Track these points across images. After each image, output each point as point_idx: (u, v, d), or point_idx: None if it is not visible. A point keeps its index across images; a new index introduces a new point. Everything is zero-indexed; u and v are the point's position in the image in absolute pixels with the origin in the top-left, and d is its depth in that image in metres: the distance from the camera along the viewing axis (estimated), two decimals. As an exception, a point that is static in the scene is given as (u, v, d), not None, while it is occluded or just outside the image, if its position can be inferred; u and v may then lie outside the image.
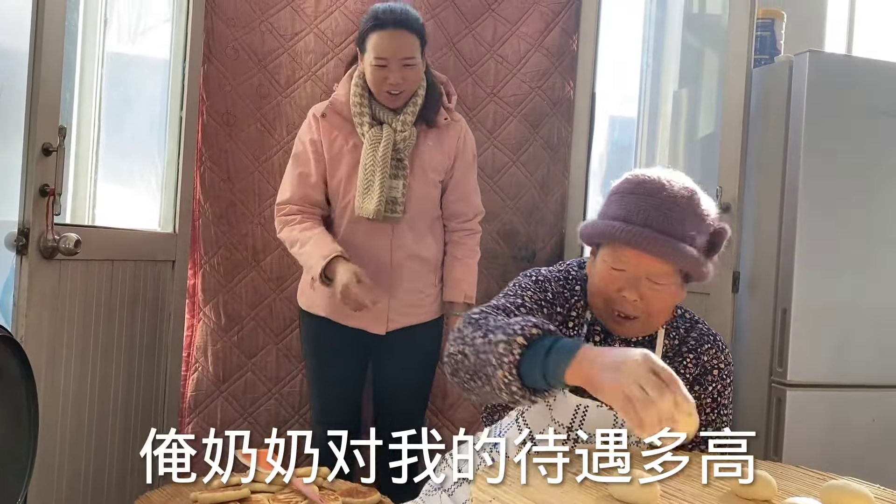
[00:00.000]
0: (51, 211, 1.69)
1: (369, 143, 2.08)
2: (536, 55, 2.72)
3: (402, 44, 2.05)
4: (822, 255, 2.15)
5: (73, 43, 2.06)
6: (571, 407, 1.43)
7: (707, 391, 1.45)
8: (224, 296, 2.47)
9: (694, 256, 1.29)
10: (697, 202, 1.32)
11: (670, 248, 1.28)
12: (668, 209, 1.29)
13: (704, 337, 1.48)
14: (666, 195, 1.31)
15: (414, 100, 2.13)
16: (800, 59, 2.17)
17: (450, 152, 2.21)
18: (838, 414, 2.15)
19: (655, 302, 1.34)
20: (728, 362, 1.48)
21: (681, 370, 1.45)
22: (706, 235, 1.32)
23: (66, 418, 1.86)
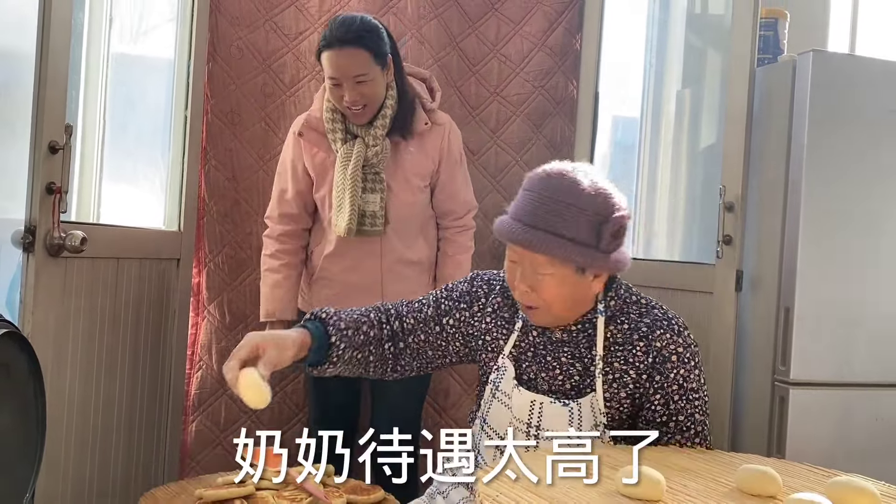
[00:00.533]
0: (57, 209, 1.70)
1: (340, 160, 2.08)
2: (539, 54, 2.73)
3: (351, 62, 2.00)
4: (826, 253, 2.15)
5: (78, 42, 2.07)
6: (527, 403, 1.48)
7: (669, 378, 1.44)
8: (228, 294, 2.47)
9: (566, 246, 1.36)
10: (578, 198, 1.38)
11: (537, 240, 1.37)
12: (543, 203, 1.38)
13: (658, 322, 1.47)
14: (543, 190, 1.40)
15: (383, 112, 2.09)
16: (803, 58, 2.17)
17: (434, 156, 2.19)
18: (841, 413, 2.15)
19: (545, 291, 1.42)
20: (688, 345, 1.46)
21: (630, 359, 1.45)
22: (591, 226, 1.38)
23: (71, 414, 1.87)
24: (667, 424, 1.45)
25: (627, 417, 1.47)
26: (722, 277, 2.25)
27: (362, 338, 1.54)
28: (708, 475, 1.24)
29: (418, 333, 1.59)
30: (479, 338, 1.59)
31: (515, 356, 1.54)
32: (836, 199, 2.16)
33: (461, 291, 1.61)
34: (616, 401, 1.45)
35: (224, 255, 2.48)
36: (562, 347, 1.50)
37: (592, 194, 1.38)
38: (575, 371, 1.48)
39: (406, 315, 1.60)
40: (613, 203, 1.40)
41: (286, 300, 2.19)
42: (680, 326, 1.48)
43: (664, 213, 2.85)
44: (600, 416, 1.44)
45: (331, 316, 1.53)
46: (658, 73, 2.92)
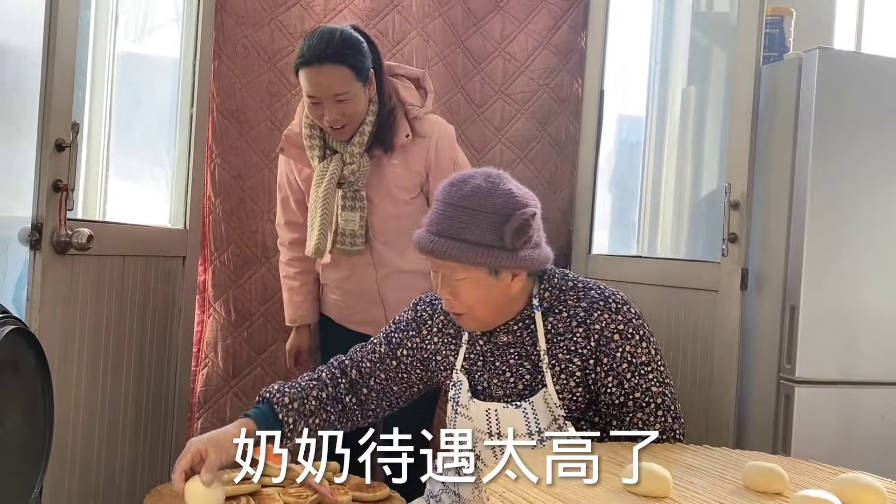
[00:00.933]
0: (64, 206, 1.71)
1: (315, 179, 2.01)
2: (544, 53, 2.73)
3: (330, 81, 1.90)
4: (832, 252, 2.15)
5: (84, 40, 2.08)
6: (483, 413, 1.51)
7: (617, 358, 1.46)
8: (234, 292, 2.48)
9: (469, 250, 1.40)
10: (480, 202, 1.42)
11: (441, 247, 1.42)
12: (445, 210, 1.44)
13: (594, 304, 1.48)
14: (445, 199, 1.46)
15: (361, 129, 2.00)
16: (809, 56, 2.16)
17: (418, 169, 2.08)
18: (847, 411, 2.14)
19: (463, 296, 1.46)
20: (628, 320, 1.47)
21: (573, 347, 1.47)
22: (493, 227, 1.41)
23: (78, 411, 1.88)
24: (625, 405, 1.46)
25: (586, 406, 1.49)
26: (727, 275, 2.24)
27: (314, 403, 1.56)
28: (714, 472, 1.24)
29: (378, 374, 1.62)
30: (432, 359, 1.62)
31: (467, 368, 1.57)
32: (842, 197, 2.15)
33: (407, 320, 1.65)
34: (568, 391, 1.47)
35: (230, 253, 2.49)
36: (508, 350, 1.52)
37: (491, 196, 1.42)
38: (524, 370, 1.50)
39: (361, 360, 1.63)
40: (515, 202, 1.43)
41: (305, 305, 2.22)
42: (618, 303, 1.49)
43: (669, 211, 2.84)
44: (557, 409, 1.46)
45: (274, 394, 1.53)
46: (663, 70, 2.92)
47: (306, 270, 2.22)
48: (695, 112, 2.82)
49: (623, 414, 1.47)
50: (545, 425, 1.47)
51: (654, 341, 1.50)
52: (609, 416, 1.49)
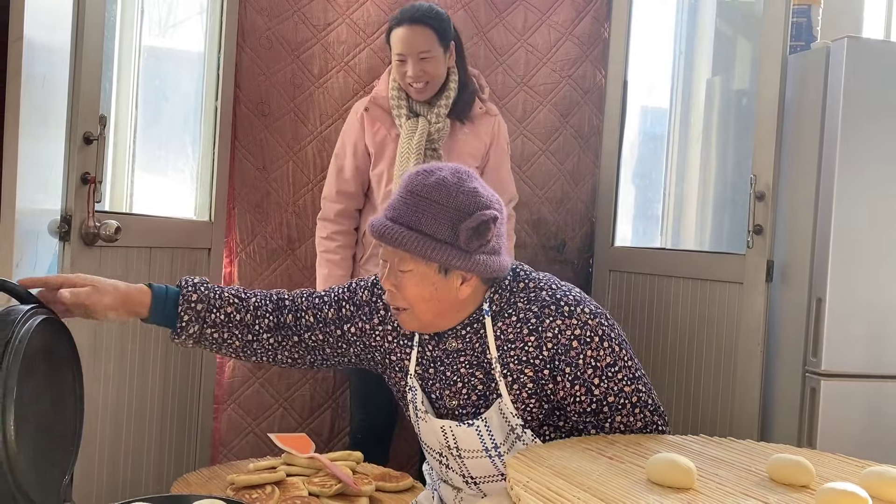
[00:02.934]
0: (92, 198, 1.73)
1: (405, 133, 2.22)
2: (567, 44, 2.71)
3: (416, 39, 2.17)
4: (858, 244, 2.12)
5: (111, 35, 2.10)
6: (438, 430, 1.44)
7: (580, 366, 1.36)
8: (260, 284, 2.50)
9: (421, 241, 1.33)
10: (442, 194, 1.34)
11: (393, 233, 1.34)
12: (405, 198, 1.36)
13: (545, 310, 1.38)
14: (408, 186, 1.38)
15: (446, 93, 2.24)
16: (837, 45, 2.13)
17: (485, 139, 2.31)
18: (873, 404, 2.12)
19: (406, 289, 1.37)
20: (584, 324, 1.36)
21: (524, 357, 1.38)
22: (450, 223, 1.34)
23: (107, 401, 1.91)
24: (601, 411, 1.38)
25: (547, 413, 1.41)
26: (752, 267, 2.23)
27: (221, 317, 1.45)
28: (739, 464, 1.23)
29: (316, 332, 1.51)
30: (385, 357, 1.52)
31: (420, 374, 1.48)
32: (869, 189, 2.13)
33: (362, 300, 1.53)
34: (521, 401, 1.39)
35: (255, 245, 2.51)
36: (458, 358, 1.43)
37: (455, 192, 1.35)
38: (477, 380, 1.42)
39: (305, 311, 1.51)
40: (478, 202, 1.35)
41: (345, 280, 2.21)
42: (570, 306, 1.38)
43: (693, 203, 2.82)
44: (513, 418, 1.38)
45: (188, 285, 1.45)
46: (687, 61, 2.89)
47: (348, 245, 2.31)
48: (720, 102, 2.79)
49: (601, 420, 1.38)
50: (501, 439, 1.39)
51: (614, 336, 1.39)
52: (584, 424, 1.40)
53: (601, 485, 1.09)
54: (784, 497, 1.09)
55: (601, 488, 1.08)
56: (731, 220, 2.58)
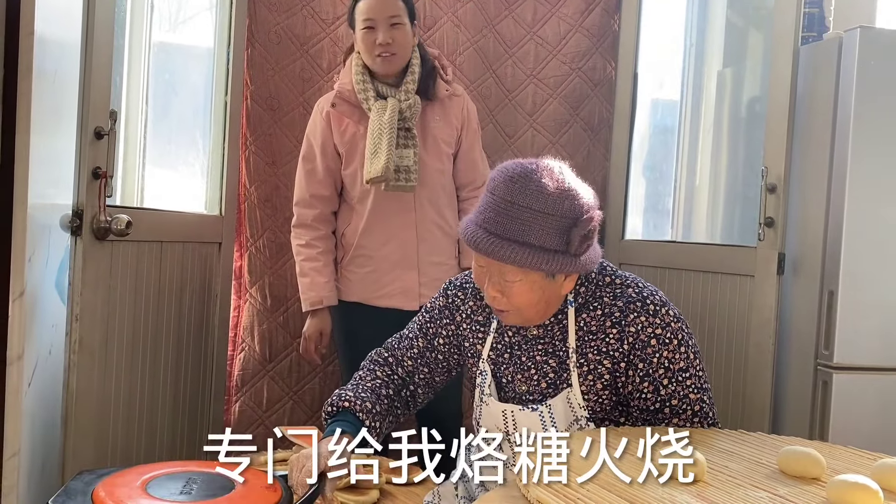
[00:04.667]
0: (103, 193, 1.74)
1: (375, 112, 2.13)
2: (577, 36, 2.70)
3: (386, 4, 2.12)
4: (871, 236, 2.11)
5: (121, 30, 2.11)
6: (499, 413, 1.46)
7: (654, 364, 1.38)
8: (269, 277, 2.51)
9: (534, 255, 1.31)
10: (545, 203, 1.31)
11: (504, 251, 1.31)
12: (507, 210, 1.32)
13: (631, 305, 1.40)
14: (507, 195, 1.32)
15: (411, 69, 2.18)
16: (850, 35, 2.11)
17: (456, 124, 2.27)
18: (885, 397, 2.11)
19: (514, 297, 1.37)
20: (666, 324, 1.38)
21: (604, 348, 1.41)
22: (560, 232, 1.32)
23: (119, 392, 1.92)
24: (661, 411, 1.40)
25: (612, 408, 1.43)
26: (764, 260, 2.22)
27: (386, 403, 1.53)
28: (750, 457, 1.23)
29: (421, 369, 1.60)
30: (462, 344, 1.59)
31: (493, 359, 1.52)
32: (881, 181, 2.11)
33: (440, 307, 1.60)
34: (593, 393, 1.41)
35: (265, 240, 2.52)
36: (536, 345, 1.47)
37: (559, 198, 1.32)
38: (549, 368, 1.45)
39: (402, 359, 1.61)
40: (581, 204, 1.34)
41: (329, 286, 2.23)
42: (656, 305, 1.40)
43: (704, 195, 2.81)
44: (580, 409, 1.41)
45: (354, 402, 1.49)
46: (698, 52, 2.87)
47: (328, 250, 2.25)
48: (731, 94, 2.77)
49: (658, 420, 1.40)
50: (563, 427, 1.41)
51: (692, 345, 1.41)
52: (641, 421, 1.42)
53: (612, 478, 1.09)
54: (795, 489, 1.08)
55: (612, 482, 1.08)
56: (742, 213, 2.57)
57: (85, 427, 1.78)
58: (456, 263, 2.32)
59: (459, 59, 2.60)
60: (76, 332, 1.72)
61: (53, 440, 1.71)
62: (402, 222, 2.20)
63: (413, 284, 2.22)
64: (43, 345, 1.58)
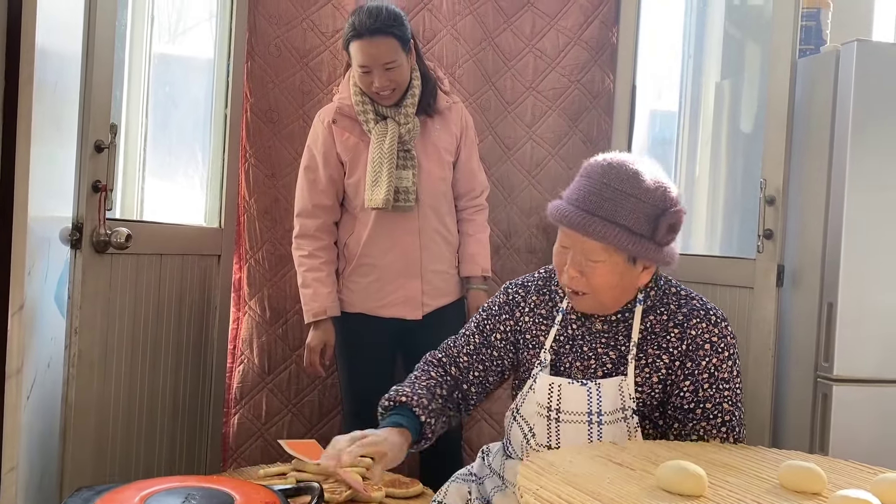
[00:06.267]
0: (103, 206, 1.75)
1: (376, 137, 2.16)
2: (575, 48, 2.71)
3: (380, 51, 2.10)
4: (869, 248, 2.11)
5: (122, 42, 2.11)
6: (546, 386, 1.50)
7: (701, 366, 1.45)
8: (269, 290, 2.51)
9: (622, 235, 1.39)
10: (638, 188, 1.40)
11: (594, 226, 1.39)
12: (601, 190, 1.40)
13: (695, 312, 1.48)
14: (603, 178, 1.42)
15: (411, 91, 2.19)
16: (847, 48, 2.12)
17: (455, 131, 2.30)
18: (886, 409, 2.10)
19: (594, 277, 1.43)
20: (723, 335, 1.46)
21: (665, 345, 1.48)
22: (649, 218, 1.40)
23: (118, 405, 1.92)
24: (693, 411, 1.45)
25: (658, 405, 1.49)
26: (763, 272, 2.22)
27: (440, 402, 1.55)
28: (750, 471, 1.22)
29: (476, 366, 1.61)
30: (521, 338, 1.61)
31: (556, 349, 1.55)
32: (880, 192, 2.11)
33: (500, 304, 1.63)
34: (648, 385, 1.47)
35: (264, 252, 2.52)
36: (599, 338, 1.52)
37: (653, 186, 1.41)
38: (608, 359, 1.50)
39: (458, 356, 1.62)
40: (672, 197, 1.43)
41: (332, 296, 2.23)
42: (717, 318, 1.48)
43: (703, 207, 2.81)
44: (629, 400, 1.45)
45: (411, 397, 1.51)
46: (696, 64, 2.88)
47: (331, 261, 2.26)
48: (729, 106, 2.78)
49: (688, 419, 1.45)
50: (608, 408, 1.44)
51: (739, 364, 1.48)
52: (674, 420, 1.47)
53: (611, 492, 1.09)
54: (796, 504, 1.08)
55: (611, 496, 1.07)
56: (740, 225, 2.57)
57: (84, 441, 1.78)
58: (456, 272, 2.33)
59: (459, 71, 2.61)
60: (75, 346, 1.72)
61: (52, 454, 1.71)
62: (405, 230, 2.22)
63: (416, 293, 2.23)
64: (42, 358, 1.58)
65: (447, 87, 2.35)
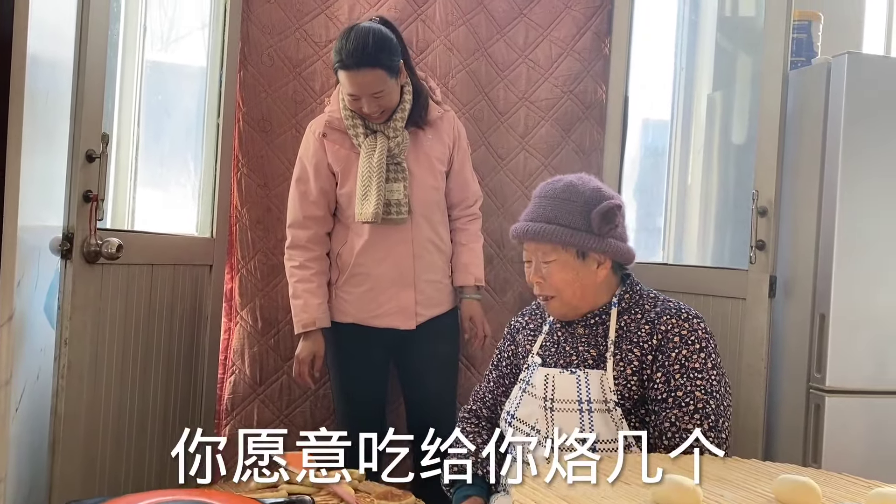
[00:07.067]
0: (94, 216, 1.73)
1: (365, 151, 2.16)
2: (568, 59, 2.72)
3: (367, 81, 2.08)
4: (861, 259, 2.12)
5: (114, 51, 2.11)
6: (542, 379, 1.65)
7: (671, 357, 1.56)
8: (261, 300, 2.50)
9: (560, 231, 1.61)
10: (571, 193, 1.65)
11: (536, 229, 1.63)
12: (541, 203, 1.67)
13: (667, 311, 1.63)
14: (542, 193, 1.69)
15: (402, 106, 2.19)
16: (838, 60, 2.14)
17: (447, 141, 2.30)
18: (879, 421, 2.11)
19: (552, 277, 1.64)
20: (693, 329, 1.58)
21: (636, 339, 1.61)
22: (583, 213, 1.62)
23: (108, 417, 1.90)
24: (666, 401, 1.54)
25: (639, 400, 1.59)
26: (755, 283, 2.22)
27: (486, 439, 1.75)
28: (744, 485, 1.22)
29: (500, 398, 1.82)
30: (519, 351, 1.81)
31: (541, 354, 1.72)
32: (872, 204, 2.12)
33: (504, 336, 1.87)
34: (623, 378, 1.59)
35: (256, 262, 2.51)
36: (581, 340, 1.68)
37: (583, 190, 1.65)
38: (589, 356, 1.65)
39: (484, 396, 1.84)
40: (603, 194, 1.65)
41: (323, 307, 2.22)
42: (689, 315, 1.61)
43: (695, 218, 2.82)
44: (610, 393, 1.57)
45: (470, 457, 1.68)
46: (688, 76, 2.90)
47: (322, 272, 2.24)
48: (721, 117, 2.79)
49: (661, 409, 1.54)
50: (595, 397, 1.57)
51: (714, 356, 1.57)
52: (651, 413, 1.55)
53: (606, 506, 1.08)
54: (791, 518, 1.08)
55: (606, 510, 1.07)
56: (733, 236, 2.58)
57: (73, 453, 1.76)
58: (450, 282, 2.32)
59: (452, 81, 2.61)
60: (65, 357, 1.71)
61: (40, 466, 1.69)
62: (398, 240, 2.21)
63: (410, 303, 2.22)
64: (31, 369, 1.57)
65: (439, 97, 2.35)
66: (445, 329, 2.32)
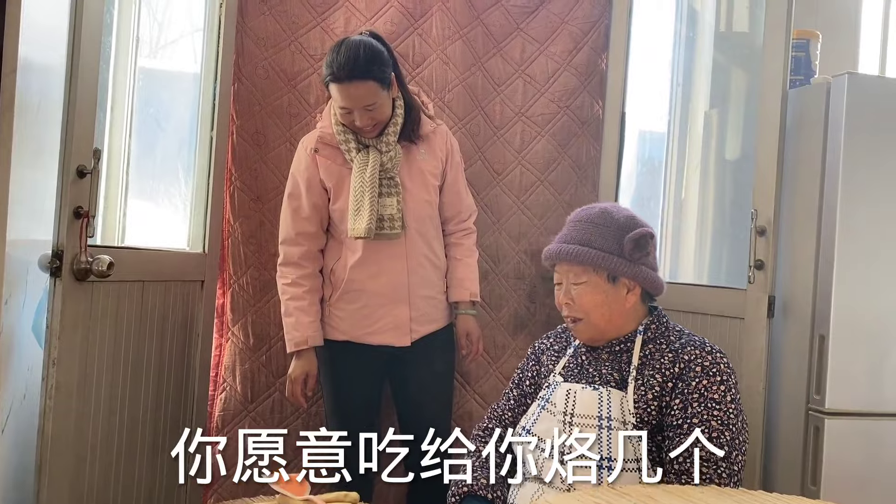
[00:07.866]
0: (84, 233, 1.70)
1: (357, 166, 2.14)
2: (565, 74, 2.71)
3: (359, 94, 2.06)
4: (862, 279, 2.11)
5: (106, 64, 2.07)
6: (563, 394, 1.66)
7: (691, 386, 1.57)
8: (252, 316, 2.46)
9: (593, 253, 1.65)
10: (606, 218, 1.70)
11: (569, 250, 1.67)
12: (576, 227, 1.72)
13: (691, 342, 1.64)
14: (576, 217, 1.75)
15: (394, 120, 2.17)
16: (838, 80, 2.13)
17: (440, 155, 2.28)
18: (879, 444, 2.10)
19: (582, 299, 1.67)
20: (716, 362, 1.59)
21: (658, 366, 1.63)
22: (616, 238, 1.67)
23: (97, 436, 1.86)
24: (681, 426, 1.55)
25: (656, 425, 1.60)
26: (753, 303, 2.21)
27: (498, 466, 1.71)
28: None
29: (518, 418, 1.81)
30: (541, 370, 1.83)
31: (564, 374, 1.75)
32: (871, 223, 2.12)
33: (528, 356, 1.88)
34: (644, 402, 1.60)
35: (248, 277, 2.47)
36: (604, 364, 1.70)
37: (618, 216, 1.70)
38: (612, 379, 1.67)
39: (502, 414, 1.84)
40: (636, 222, 1.70)
41: (315, 325, 2.19)
42: (712, 348, 1.62)
43: (692, 236, 2.81)
44: (629, 415, 1.59)
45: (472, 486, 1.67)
46: (685, 92, 2.89)
47: (315, 289, 2.21)
48: (717, 135, 2.79)
49: (676, 435, 1.54)
50: (616, 415, 1.58)
51: (733, 391, 1.58)
52: (667, 439, 1.55)
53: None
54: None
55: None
56: (730, 254, 2.57)
57: (60, 474, 1.72)
58: (445, 297, 2.29)
59: (448, 96, 2.59)
60: (53, 377, 1.67)
61: (27, 488, 1.65)
62: (392, 255, 2.18)
63: (404, 319, 2.20)
64: (18, 389, 1.53)
65: (432, 112, 2.32)
66: (440, 345, 2.29)
